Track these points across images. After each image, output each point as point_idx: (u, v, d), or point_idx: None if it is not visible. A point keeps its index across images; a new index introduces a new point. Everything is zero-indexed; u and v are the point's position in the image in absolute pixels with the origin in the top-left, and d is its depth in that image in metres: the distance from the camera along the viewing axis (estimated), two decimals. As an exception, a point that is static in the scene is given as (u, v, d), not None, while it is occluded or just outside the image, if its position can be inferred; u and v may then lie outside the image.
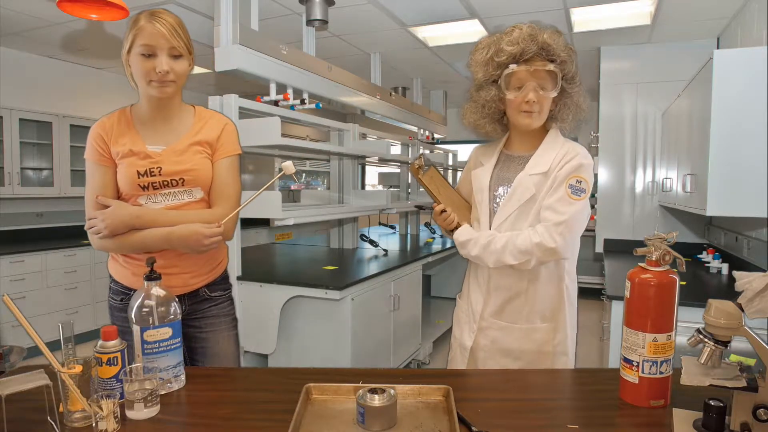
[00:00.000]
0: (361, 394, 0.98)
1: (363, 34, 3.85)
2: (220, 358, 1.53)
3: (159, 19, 1.30)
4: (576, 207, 1.37)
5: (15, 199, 4.33)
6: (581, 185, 1.38)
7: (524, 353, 1.48)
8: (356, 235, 4.03)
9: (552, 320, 1.48)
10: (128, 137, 1.40)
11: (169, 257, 1.41)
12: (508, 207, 1.45)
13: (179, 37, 1.32)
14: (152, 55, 1.31)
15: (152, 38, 1.29)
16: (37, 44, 4.16)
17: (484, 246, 1.42)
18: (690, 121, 2.63)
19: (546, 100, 1.40)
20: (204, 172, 1.42)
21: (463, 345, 1.56)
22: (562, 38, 1.39)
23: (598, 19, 3.54)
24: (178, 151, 1.40)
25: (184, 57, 1.35)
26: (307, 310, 2.75)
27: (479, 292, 1.53)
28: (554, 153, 1.44)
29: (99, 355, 1.04)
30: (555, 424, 0.99)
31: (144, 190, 1.38)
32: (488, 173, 1.52)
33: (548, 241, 1.35)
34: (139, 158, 1.38)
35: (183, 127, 1.44)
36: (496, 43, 1.40)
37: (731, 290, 0.93)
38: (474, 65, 1.47)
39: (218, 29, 2.38)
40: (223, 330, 1.54)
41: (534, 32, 1.37)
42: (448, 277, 4.86)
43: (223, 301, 1.56)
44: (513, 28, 1.40)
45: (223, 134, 1.46)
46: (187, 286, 1.47)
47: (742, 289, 0.91)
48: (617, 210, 4.04)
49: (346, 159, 3.80)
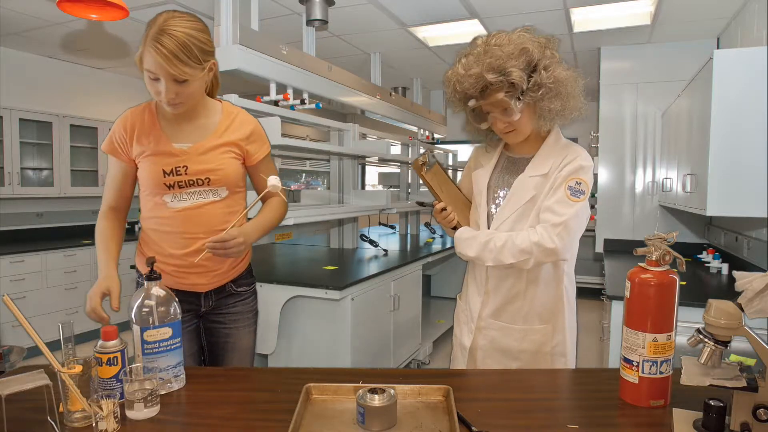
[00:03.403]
0: (361, 394, 0.98)
1: (363, 34, 3.85)
2: (239, 353, 1.55)
3: (161, 45, 1.21)
4: (575, 208, 1.37)
5: (15, 199, 4.33)
6: (580, 187, 1.38)
7: (522, 353, 1.48)
8: (356, 235, 4.03)
9: (550, 322, 1.48)
10: (152, 136, 1.39)
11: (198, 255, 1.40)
12: (507, 209, 1.45)
13: (181, 62, 1.23)
14: (157, 79, 1.27)
15: (153, 65, 1.24)
16: (37, 44, 4.16)
17: (483, 244, 1.41)
18: (690, 121, 2.63)
19: (516, 121, 1.39)
20: (230, 172, 1.42)
21: (462, 345, 1.57)
22: (512, 58, 1.31)
23: (598, 19, 3.54)
24: (205, 150, 1.40)
25: (191, 79, 1.28)
26: (307, 310, 2.75)
27: (477, 292, 1.53)
28: (554, 155, 1.43)
29: (99, 355, 1.04)
30: (555, 424, 0.99)
31: (170, 189, 1.38)
32: (488, 175, 1.52)
33: (547, 241, 1.35)
34: (164, 157, 1.38)
35: (210, 123, 1.43)
36: (452, 81, 1.41)
37: (731, 290, 0.93)
38: (448, 101, 1.50)
39: (218, 29, 2.38)
40: (245, 326, 1.57)
41: (477, 68, 1.32)
42: (448, 277, 4.86)
43: (248, 296, 1.58)
44: (461, 59, 1.39)
45: (254, 136, 1.48)
46: (212, 284, 1.48)
47: (742, 289, 0.91)
48: (617, 210, 4.04)
49: (346, 159, 3.80)
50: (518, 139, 1.44)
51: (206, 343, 1.56)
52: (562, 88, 1.36)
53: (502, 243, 1.39)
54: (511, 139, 1.46)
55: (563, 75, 1.36)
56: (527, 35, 1.35)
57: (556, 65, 1.35)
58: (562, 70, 1.36)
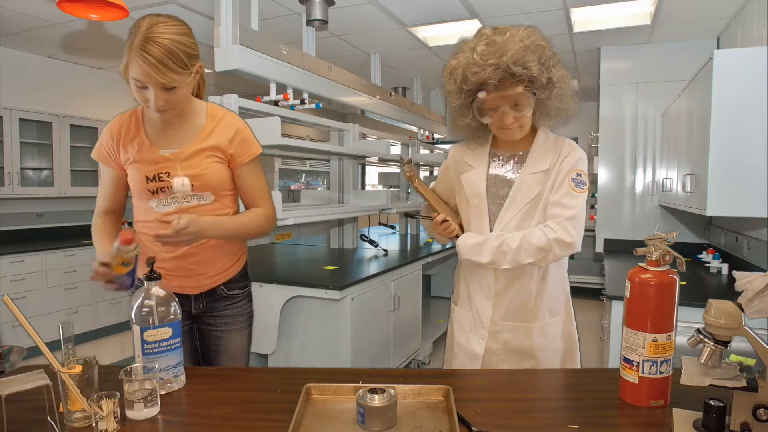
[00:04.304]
0: (361, 394, 0.98)
1: (363, 34, 3.85)
2: (231, 356, 1.55)
3: (147, 54, 1.20)
4: (581, 200, 1.40)
5: (15, 199, 4.33)
6: (581, 178, 1.41)
7: (537, 350, 1.47)
8: (356, 235, 4.03)
9: (560, 314, 1.49)
10: (137, 142, 1.39)
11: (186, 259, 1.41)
12: (512, 208, 1.43)
13: (169, 69, 1.22)
14: (144, 87, 1.26)
15: (141, 74, 1.22)
16: (37, 44, 4.16)
17: (497, 248, 1.38)
18: (690, 121, 2.63)
19: (523, 117, 1.37)
20: (213, 177, 1.41)
21: (472, 353, 1.51)
22: (530, 52, 1.29)
23: (598, 19, 3.54)
24: (187, 155, 1.39)
25: (179, 85, 1.28)
26: (307, 310, 2.75)
27: (485, 297, 1.49)
28: (551, 150, 1.44)
29: (119, 258, 1.19)
30: (555, 424, 0.99)
31: (154, 195, 1.39)
32: (482, 176, 1.48)
33: (565, 236, 1.36)
34: (148, 163, 1.38)
35: (194, 127, 1.42)
36: (462, 69, 1.34)
37: (731, 290, 0.93)
38: (447, 93, 1.43)
39: (218, 29, 2.38)
40: (237, 329, 1.55)
41: (496, 58, 1.28)
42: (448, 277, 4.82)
43: (241, 300, 1.56)
44: (474, 47, 1.32)
45: (237, 139, 1.43)
46: (201, 287, 1.48)
47: (742, 289, 0.91)
48: (617, 210, 4.04)
49: (346, 159, 3.80)
50: (520, 135, 1.42)
51: (199, 345, 1.56)
52: (565, 88, 1.38)
53: (517, 244, 1.37)
54: (512, 136, 1.42)
55: (564, 75, 1.37)
56: (536, 33, 1.35)
57: (559, 65, 1.37)
58: (563, 70, 1.38)
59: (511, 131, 1.40)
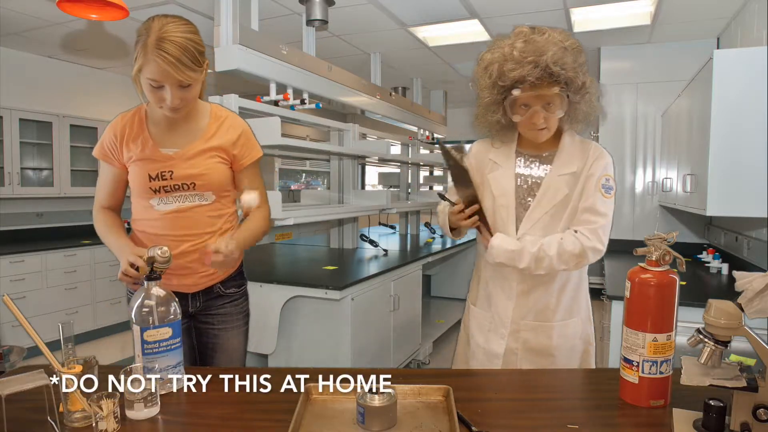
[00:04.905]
0: (361, 394, 0.98)
1: (363, 34, 3.85)
2: (228, 354, 1.55)
3: (165, 52, 1.21)
4: (611, 206, 1.41)
5: (15, 199, 4.33)
6: (610, 183, 1.41)
7: (555, 349, 1.46)
8: (356, 235, 4.03)
9: (579, 314, 1.50)
10: (140, 140, 1.39)
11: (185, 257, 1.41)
12: (539, 209, 1.42)
13: (186, 66, 1.24)
14: (161, 87, 1.26)
15: (159, 74, 1.23)
16: (37, 44, 4.16)
17: (534, 255, 1.37)
18: (690, 121, 2.63)
19: (553, 118, 1.37)
20: (216, 177, 1.42)
21: (492, 352, 1.49)
22: (568, 53, 1.30)
23: (598, 19, 3.54)
24: (191, 155, 1.39)
25: (194, 83, 1.29)
26: (307, 310, 2.75)
27: (507, 297, 1.48)
28: (578, 153, 1.43)
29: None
30: (555, 424, 0.99)
31: (156, 193, 1.39)
32: (511, 174, 1.47)
33: (598, 244, 1.37)
34: (150, 162, 1.38)
35: (197, 127, 1.42)
36: (499, 64, 1.33)
37: (731, 290, 0.93)
38: (479, 89, 1.42)
39: (218, 29, 2.38)
40: (234, 327, 1.56)
41: (535, 56, 1.28)
42: (448, 277, 4.86)
43: (237, 298, 1.57)
44: (513, 44, 1.31)
45: (242, 140, 1.45)
46: (199, 285, 1.48)
47: (742, 289, 0.91)
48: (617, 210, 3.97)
49: (346, 159, 3.80)
50: (547, 136, 1.41)
51: (196, 343, 1.56)
52: (594, 93, 1.39)
53: (555, 251, 1.36)
54: (540, 137, 1.41)
55: (593, 80, 1.39)
56: (572, 37, 1.36)
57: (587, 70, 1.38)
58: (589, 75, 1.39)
59: (539, 132, 1.39)
